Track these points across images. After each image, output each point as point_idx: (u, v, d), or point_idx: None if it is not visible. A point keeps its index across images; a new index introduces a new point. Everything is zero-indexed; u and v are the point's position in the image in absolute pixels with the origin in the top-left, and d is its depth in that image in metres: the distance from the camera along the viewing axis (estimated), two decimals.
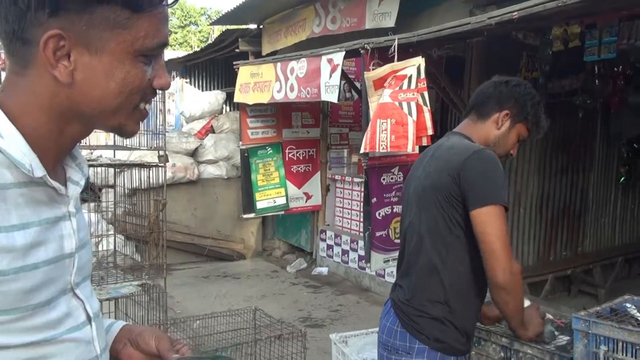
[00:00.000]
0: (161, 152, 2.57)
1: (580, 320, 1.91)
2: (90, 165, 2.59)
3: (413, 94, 3.86)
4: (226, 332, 3.45)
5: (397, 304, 1.74)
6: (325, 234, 6.65)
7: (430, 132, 3.92)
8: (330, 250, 6.59)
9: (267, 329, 3.49)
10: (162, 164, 2.57)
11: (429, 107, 3.93)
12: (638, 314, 1.98)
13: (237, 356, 3.37)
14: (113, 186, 3.87)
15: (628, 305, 2.07)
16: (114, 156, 3.29)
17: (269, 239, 7.73)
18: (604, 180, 6.59)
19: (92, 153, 3.11)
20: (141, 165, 2.63)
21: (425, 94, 3.94)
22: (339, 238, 6.44)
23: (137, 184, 2.94)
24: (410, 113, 3.81)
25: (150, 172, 2.63)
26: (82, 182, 0.88)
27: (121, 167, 2.65)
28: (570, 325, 2.06)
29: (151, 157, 3.02)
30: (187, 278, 6.43)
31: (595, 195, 6.52)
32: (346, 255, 6.33)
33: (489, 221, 1.55)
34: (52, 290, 0.78)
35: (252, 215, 6.54)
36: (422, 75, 3.90)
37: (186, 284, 6.20)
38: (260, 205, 6.46)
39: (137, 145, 2.71)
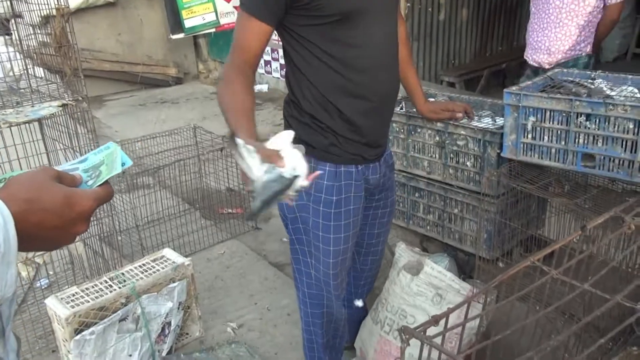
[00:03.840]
0: None
1: (511, 95, 1.93)
2: None
3: None
4: (168, 150, 3.42)
5: None
6: None
7: None
8: (269, 66, 6.41)
9: (210, 145, 3.46)
10: None
11: None
12: (569, 84, 2.02)
13: (183, 174, 3.38)
14: (20, 15, 3.48)
15: (563, 77, 2.10)
16: None
17: (203, 60, 7.42)
18: None
19: None
20: None
21: None
22: (275, 52, 6.22)
23: (47, 11, 2.63)
24: None
25: None
26: None
27: None
28: None
29: None
30: (123, 107, 6.21)
31: None
32: (284, 69, 6.19)
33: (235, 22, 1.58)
34: None
35: (181, 35, 6.15)
36: None
37: (123, 113, 6.00)
38: (188, 23, 6.05)
39: None
